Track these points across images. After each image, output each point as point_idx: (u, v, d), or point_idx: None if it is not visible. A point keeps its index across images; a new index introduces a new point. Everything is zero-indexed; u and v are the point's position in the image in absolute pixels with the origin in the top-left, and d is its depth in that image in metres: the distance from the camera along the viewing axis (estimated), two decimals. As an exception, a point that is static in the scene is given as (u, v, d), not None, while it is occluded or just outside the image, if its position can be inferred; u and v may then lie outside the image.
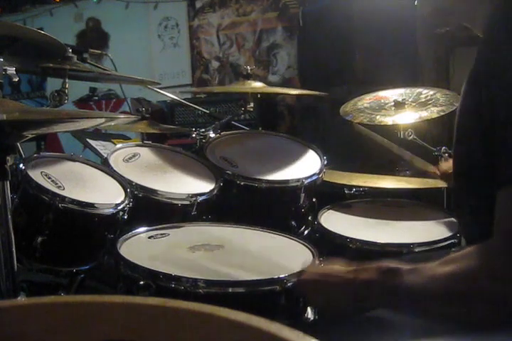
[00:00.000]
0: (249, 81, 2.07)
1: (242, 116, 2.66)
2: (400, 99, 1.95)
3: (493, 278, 0.76)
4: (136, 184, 1.64)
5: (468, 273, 0.78)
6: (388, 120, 1.90)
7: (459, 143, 0.96)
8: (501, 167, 0.80)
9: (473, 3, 0.96)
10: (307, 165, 1.84)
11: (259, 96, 2.21)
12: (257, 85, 2.09)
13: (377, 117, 1.92)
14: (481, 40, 0.91)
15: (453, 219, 1.61)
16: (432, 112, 1.86)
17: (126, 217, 1.56)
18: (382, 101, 2.02)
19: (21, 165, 1.50)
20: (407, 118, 1.90)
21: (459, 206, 1.03)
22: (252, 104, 2.08)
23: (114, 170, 1.68)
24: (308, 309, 1.16)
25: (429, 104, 1.92)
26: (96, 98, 4.54)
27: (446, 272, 0.80)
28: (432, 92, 1.98)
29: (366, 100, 2.06)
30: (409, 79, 3.00)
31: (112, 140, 2.45)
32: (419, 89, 2.03)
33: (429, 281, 0.81)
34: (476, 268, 0.78)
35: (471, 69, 0.90)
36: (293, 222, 1.77)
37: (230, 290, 1.09)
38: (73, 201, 1.48)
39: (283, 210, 1.78)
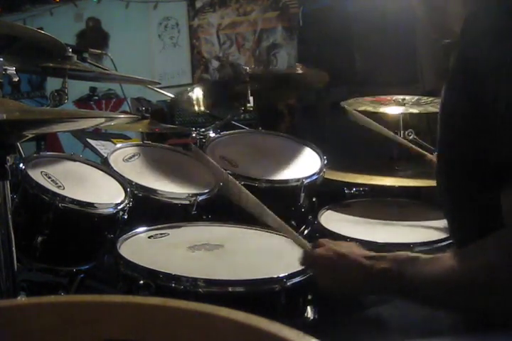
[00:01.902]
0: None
1: (242, 116, 2.66)
2: (400, 100, 1.96)
3: (506, 270, 0.76)
4: (136, 184, 1.64)
5: (489, 264, 0.77)
6: (391, 110, 1.90)
7: (443, 142, 0.96)
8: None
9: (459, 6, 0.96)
10: (307, 165, 1.84)
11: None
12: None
13: (380, 108, 1.93)
14: (458, 43, 0.90)
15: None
16: (437, 108, 1.86)
17: (126, 217, 1.56)
18: (382, 102, 2.03)
19: (21, 165, 1.50)
20: (412, 109, 1.90)
21: (443, 205, 1.02)
22: (252, 104, 2.08)
23: (114, 170, 1.69)
24: (308, 308, 1.16)
25: (432, 104, 1.93)
26: (96, 98, 4.54)
27: (465, 263, 0.79)
28: (431, 99, 1.99)
29: (366, 100, 2.06)
30: (409, 79, 3.00)
31: (112, 140, 2.45)
32: (418, 97, 2.03)
33: (447, 272, 0.80)
34: (496, 259, 0.77)
35: (454, 70, 0.90)
36: (293, 222, 1.77)
37: (230, 289, 1.10)
38: (73, 201, 1.48)
39: (283, 210, 1.78)
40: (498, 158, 0.80)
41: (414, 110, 1.90)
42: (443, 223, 1.62)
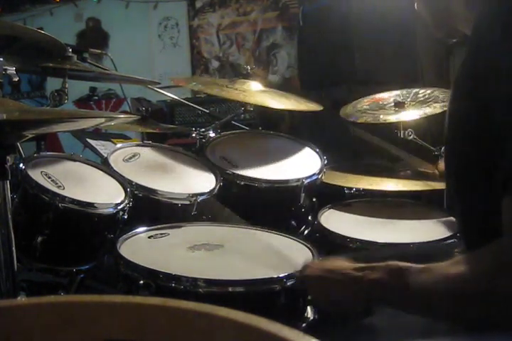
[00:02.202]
0: (248, 81, 2.05)
1: (242, 116, 2.65)
2: (399, 99, 1.95)
3: (506, 276, 0.75)
4: (136, 184, 1.64)
5: (483, 273, 0.77)
6: (393, 118, 1.90)
7: (452, 144, 0.96)
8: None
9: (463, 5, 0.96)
10: (307, 165, 1.84)
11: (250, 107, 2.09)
12: (255, 89, 2.02)
13: (381, 116, 1.92)
14: (469, 42, 0.90)
15: (453, 218, 1.61)
16: (435, 108, 1.86)
17: (126, 217, 1.56)
18: (381, 102, 2.03)
19: (21, 165, 1.50)
20: (411, 115, 1.90)
21: (451, 206, 1.02)
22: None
23: (114, 170, 1.68)
24: (308, 308, 1.16)
25: (430, 101, 1.93)
26: (96, 98, 4.55)
27: (459, 272, 0.78)
28: (429, 91, 1.99)
29: (365, 102, 2.06)
30: (409, 79, 3.00)
31: (112, 140, 2.45)
32: (416, 90, 2.03)
33: (441, 281, 0.79)
34: (489, 268, 0.77)
35: (462, 70, 0.90)
36: (293, 222, 1.77)
37: (230, 289, 1.09)
38: (73, 201, 1.47)
39: (283, 210, 1.78)
40: (504, 163, 0.79)
41: (414, 116, 1.90)
42: (443, 223, 1.62)
